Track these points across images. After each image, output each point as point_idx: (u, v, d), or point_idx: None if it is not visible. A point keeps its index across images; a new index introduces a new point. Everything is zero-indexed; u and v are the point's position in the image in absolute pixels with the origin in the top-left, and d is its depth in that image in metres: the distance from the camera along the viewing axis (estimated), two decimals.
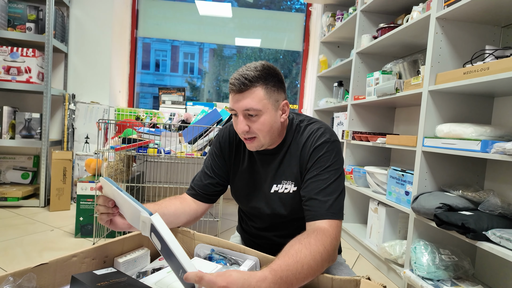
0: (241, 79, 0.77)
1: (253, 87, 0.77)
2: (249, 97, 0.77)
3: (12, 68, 2.27)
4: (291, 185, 0.86)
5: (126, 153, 1.67)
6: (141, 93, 3.26)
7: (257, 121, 0.79)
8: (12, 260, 1.45)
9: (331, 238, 0.71)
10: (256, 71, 0.78)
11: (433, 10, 1.39)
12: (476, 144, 1.14)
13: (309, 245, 0.67)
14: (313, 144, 0.83)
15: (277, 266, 0.60)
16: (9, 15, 2.34)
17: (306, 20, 3.26)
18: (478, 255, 1.46)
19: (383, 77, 1.84)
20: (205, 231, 1.98)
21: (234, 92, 0.79)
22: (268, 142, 0.84)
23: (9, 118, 2.32)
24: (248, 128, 0.80)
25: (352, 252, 1.93)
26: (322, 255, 0.66)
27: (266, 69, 0.79)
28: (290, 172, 0.86)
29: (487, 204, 1.20)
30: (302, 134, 0.87)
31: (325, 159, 0.80)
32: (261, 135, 0.81)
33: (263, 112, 0.79)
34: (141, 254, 0.81)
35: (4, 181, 2.53)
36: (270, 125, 0.81)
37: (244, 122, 0.80)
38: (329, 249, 0.69)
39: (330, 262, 0.71)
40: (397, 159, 2.14)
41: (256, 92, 0.77)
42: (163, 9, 3.15)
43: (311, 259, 0.64)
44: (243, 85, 0.77)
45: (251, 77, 0.77)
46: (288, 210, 0.88)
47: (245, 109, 0.78)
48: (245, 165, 0.94)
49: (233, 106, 0.80)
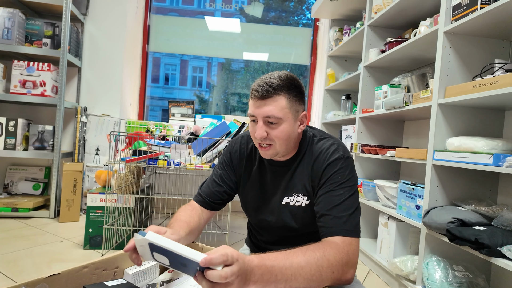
0: (265, 86, 0.77)
1: (276, 95, 0.78)
2: (272, 105, 0.78)
3: (28, 82, 2.35)
4: (303, 198, 0.85)
5: (136, 165, 1.69)
6: (150, 106, 3.32)
7: (277, 128, 0.79)
8: (21, 271, 1.46)
9: (338, 251, 0.69)
10: (280, 80, 0.78)
11: (441, 24, 1.40)
12: (488, 158, 1.13)
13: (306, 250, 0.67)
14: (327, 160, 0.82)
15: (266, 255, 0.62)
16: (27, 31, 2.44)
17: (313, 35, 3.31)
18: (493, 272, 1.41)
19: (391, 90, 1.85)
20: (213, 244, 1.97)
21: (256, 98, 0.79)
22: (283, 151, 0.84)
23: (23, 130, 2.37)
24: (266, 135, 0.80)
25: (362, 268, 1.89)
26: (319, 260, 0.65)
27: (290, 79, 0.80)
28: (302, 185, 0.86)
29: (501, 219, 1.17)
30: (314, 148, 0.87)
31: (339, 176, 0.79)
32: (278, 143, 0.81)
33: (284, 121, 0.79)
34: (150, 266, 0.81)
35: (16, 192, 2.58)
36: (288, 134, 0.81)
37: (264, 129, 0.79)
38: (331, 259, 0.67)
39: (334, 274, 0.67)
40: (407, 172, 2.12)
41: (279, 101, 0.78)
42: (173, 25, 3.24)
43: (303, 260, 0.64)
44: (267, 92, 0.77)
45: (275, 85, 0.77)
46: (299, 224, 0.87)
47: (266, 116, 0.78)
48: (256, 176, 0.93)
49: (254, 111, 0.80)
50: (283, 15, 3.36)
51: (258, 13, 3.31)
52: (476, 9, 1.23)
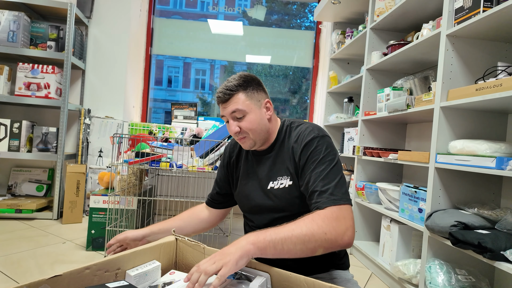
0: (224, 91, 0.90)
1: (234, 94, 0.90)
2: (233, 102, 0.90)
3: (32, 84, 2.37)
4: (286, 179, 0.91)
5: (139, 166, 1.70)
6: (153, 108, 3.33)
7: (244, 120, 0.90)
8: (25, 273, 1.46)
9: (326, 216, 0.74)
10: (235, 81, 0.91)
11: (443, 27, 1.40)
12: (491, 161, 1.12)
13: (295, 220, 0.76)
14: (304, 140, 0.88)
15: (256, 236, 0.74)
16: (32, 34, 2.46)
17: (316, 38, 3.31)
18: (497, 276, 1.40)
19: (394, 93, 1.85)
20: (215, 246, 1.97)
21: (221, 102, 0.92)
22: (260, 139, 0.93)
23: (27, 132, 2.39)
24: (239, 129, 0.91)
25: (364, 271, 1.88)
26: (308, 224, 0.73)
27: (243, 77, 0.92)
28: (285, 168, 0.92)
29: (504, 223, 1.16)
30: (292, 133, 0.94)
31: (317, 153, 0.85)
32: (251, 133, 0.91)
33: (248, 112, 0.90)
34: (152, 268, 0.81)
35: (20, 193, 2.59)
36: (257, 123, 0.91)
37: (235, 124, 0.91)
38: (319, 222, 0.73)
39: (327, 235, 0.72)
40: (409, 175, 2.11)
41: (239, 96, 0.90)
42: (176, 28, 3.26)
43: (292, 224, 0.74)
44: (227, 95, 0.90)
45: (231, 87, 0.90)
46: (285, 204, 0.91)
47: (232, 112, 0.90)
48: (244, 169, 1.02)
49: (223, 113, 0.93)
50: (286, 18, 3.37)
51: (260, 16, 3.32)
52: (478, 12, 1.23)
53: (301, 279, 0.70)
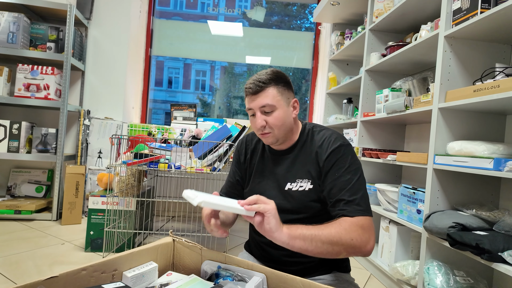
0: (256, 83, 0.89)
1: (266, 87, 0.89)
2: (264, 96, 0.89)
3: (32, 85, 2.37)
4: (307, 183, 0.91)
5: (138, 168, 1.70)
6: (154, 109, 3.34)
7: (272, 115, 0.89)
8: (23, 274, 1.47)
9: (353, 224, 0.77)
10: (267, 75, 0.90)
11: (442, 29, 1.40)
12: (488, 162, 1.12)
13: (323, 224, 0.78)
14: (330, 147, 0.89)
15: (293, 226, 0.75)
16: (31, 35, 2.47)
17: (315, 39, 3.32)
18: (495, 277, 1.40)
19: (392, 94, 1.85)
20: (214, 247, 1.97)
21: (251, 94, 0.90)
22: (282, 137, 0.92)
23: (26, 133, 2.40)
24: (265, 123, 0.90)
25: (363, 272, 1.88)
26: (336, 228, 0.76)
27: (275, 73, 0.92)
28: (306, 171, 0.92)
29: (502, 224, 1.16)
30: (315, 138, 0.94)
31: (343, 161, 0.86)
32: (276, 129, 0.90)
33: (277, 108, 0.89)
34: (149, 269, 0.81)
35: (19, 194, 2.59)
36: (283, 120, 0.90)
37: (262, 118, 0.90)
38: (347, 228, 0.76)
39: (353, 241, 0.75)
40: (408, 176, 2.11)
41: (271, 90, 0.89)
42: (176, 29, 3.26)
43: (322, 226, 0.76)
44: (258, 87, 0.89)
45: (264, 80, 0.89)
46: (301, 206, 0.91)
47: (261, 106, 0.89)
48: (259, 167, 1.01)
49: (250, 105, 0.91)
50: (286, 19, 3.37)
51: (260, 17, 3.33)
52: (476, 13, 1.23)
53: (297, 280, 0.69)
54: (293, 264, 0.92)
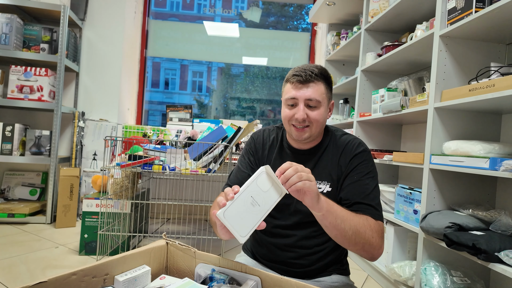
0: (308, 72, 0.85)
1: (317, 80, 0.86)
2: (314, 88, 0.86)
3: (25, 87, 2.35)
4: (326, 185, 0.90)
5: (132, 169, 1.68)
6: (150, 110, 3.32)
7: (315, 111, 0.87)
8: (16, 278, 1.44)
9: (374, 224, 0.79)
10: (318, 69, 0.87)
11: (437, 28, 1.40)
12: (484, 162, 1.12)
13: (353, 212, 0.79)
14: (354, 151, 0.90)
15: (330, 201, 0.75)
16: (25, 36, 2.44)
17: (311, 39, 3.32)
18: (492, 277, 1.40)
19: (388, 94, 1.84)
20: (209, 250, 1.95)
21: (298, 82, 0.86)
22: (316, 134, 0.91)
23: (20, 135, 2.37)
24: (307, 117, 0.86)
25: (360, 273, 1.87)
26: (364, 221, 0.78)
27: (325, 70, 0.90)
28: (327, 173, 0.91)
29: (498, 224, 1.16)
30: (338, 141, 0.94)
31: (365, 166, 0.88)
32: (314, 125, 0.88)
33: (321, 105, 0.87)
34: (142, 273, 0.80)
35: (13, 197, 2.56)
36: (324, 118, 0.89)
37: (305, 111, 0.86)
38: (372, 225, 0.78)
39: (373, 239, 0.77)
40: (405, 176, 2.11)
41: (320, 86, 0.87)
42: (171, 30, 3.25)
43: (354, 214, 0.77)
44: (310, 77, 0.85)
45: (316, 73, 0.86)
46: None
47: (308, 99, 0.85)
48: (278, 163, 0.95)
49: (295, 94, 0.86)
50: (283, 20, 3.37)
51: (256, 18, 3.32)
52: (471, 12, 1.23)
53: (292, 283, 0.68)
54: (298, 266, 0.92)
